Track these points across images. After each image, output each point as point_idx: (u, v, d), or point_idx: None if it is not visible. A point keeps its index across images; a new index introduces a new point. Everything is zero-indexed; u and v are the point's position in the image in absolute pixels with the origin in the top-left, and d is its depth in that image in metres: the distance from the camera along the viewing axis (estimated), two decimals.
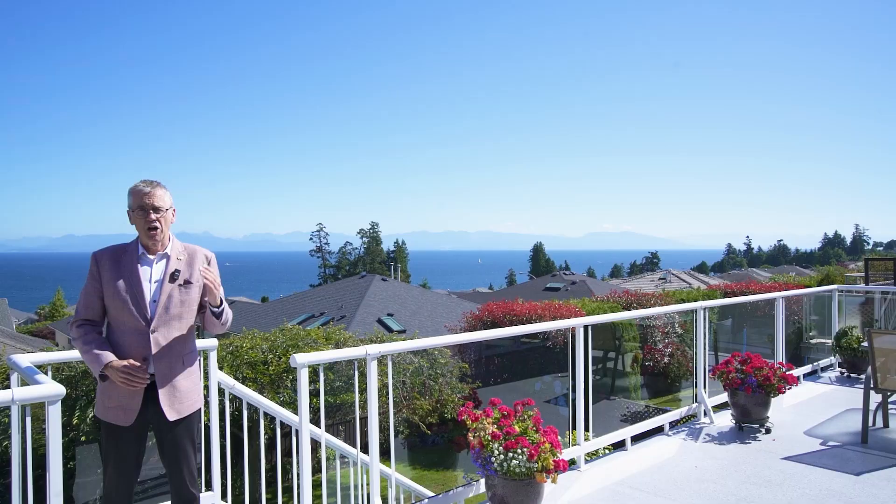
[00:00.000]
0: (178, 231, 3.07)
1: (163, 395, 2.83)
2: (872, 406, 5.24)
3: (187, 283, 2.92)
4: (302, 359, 3.03)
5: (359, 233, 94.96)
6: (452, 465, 12.16)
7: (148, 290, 2.85)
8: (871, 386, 5.07)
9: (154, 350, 2.80)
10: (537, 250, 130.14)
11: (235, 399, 4.53)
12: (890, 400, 5.61)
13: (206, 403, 3.69)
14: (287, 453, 4.47)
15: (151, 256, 2.91)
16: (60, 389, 2.26)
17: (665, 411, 5.47)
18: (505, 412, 3.60)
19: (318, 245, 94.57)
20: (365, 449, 3.48)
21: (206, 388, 3.70)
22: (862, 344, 7.08)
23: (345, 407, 10.01)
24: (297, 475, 3.17)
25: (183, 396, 2.90)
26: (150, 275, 2.88)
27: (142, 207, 2.84)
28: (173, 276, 2.89)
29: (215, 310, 2.96)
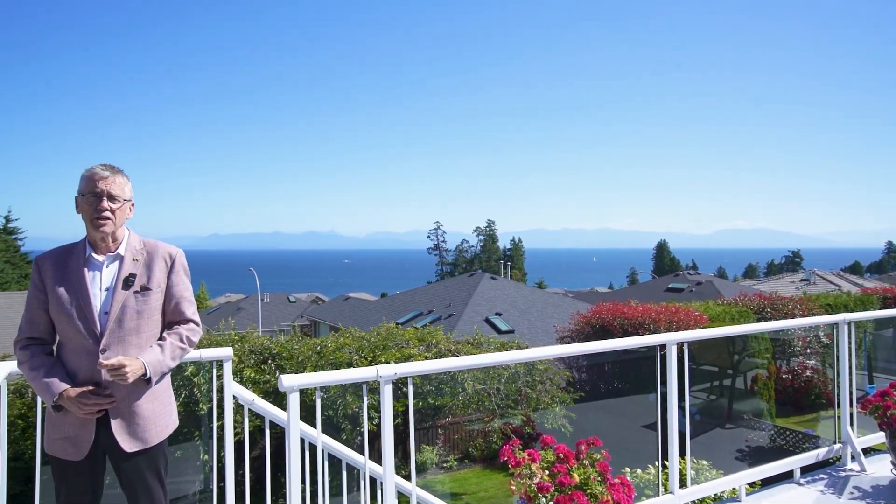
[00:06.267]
0: (306, 229, 2.53)
1: (117, 424, 2.36)
2: None
3: (145, 289, 2.42)
4: (290, 381, 2.42)
5: (475, 231, 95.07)
6: None
7: (97, 299, 2.37)
8: None
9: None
10: (661, 248, 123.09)
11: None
12: None
13: (222, 426, 3.23)
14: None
15: (101, 258, 2.42)
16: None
17: (796, 440, 4.30)
18: (561, 454, 2.79)
19: (436, 243, 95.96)
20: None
21: (222, 405, 3.24)
22: None
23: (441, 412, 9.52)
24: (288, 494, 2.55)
25: (146, 423, 2.42)
26: (100, 281, 2.40)
27: (94, 193, 2.37)
28: (127, 282, 2.40)
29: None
